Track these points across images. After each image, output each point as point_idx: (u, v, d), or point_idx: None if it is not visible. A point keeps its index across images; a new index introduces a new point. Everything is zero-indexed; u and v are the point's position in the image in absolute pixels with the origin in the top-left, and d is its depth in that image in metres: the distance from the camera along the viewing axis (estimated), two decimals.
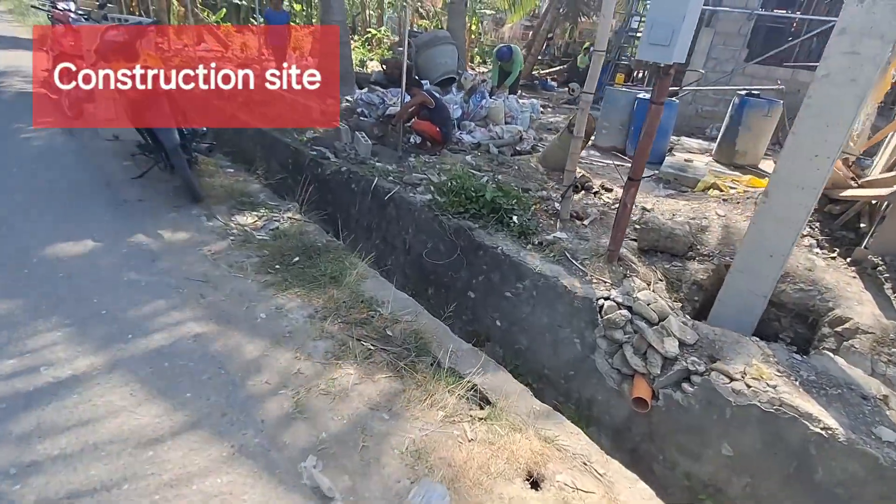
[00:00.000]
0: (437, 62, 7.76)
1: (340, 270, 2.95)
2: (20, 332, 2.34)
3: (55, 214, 3.56)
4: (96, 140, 5.05)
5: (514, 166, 5.16)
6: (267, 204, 3.89)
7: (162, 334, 2.41)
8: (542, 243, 3.60)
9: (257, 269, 3.04)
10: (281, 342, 2.45)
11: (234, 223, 3.46)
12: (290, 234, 3.36)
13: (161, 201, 3.98)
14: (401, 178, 4.67)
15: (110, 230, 3.41)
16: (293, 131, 6.20)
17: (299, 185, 5.66)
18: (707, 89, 8.73)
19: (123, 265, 2.99)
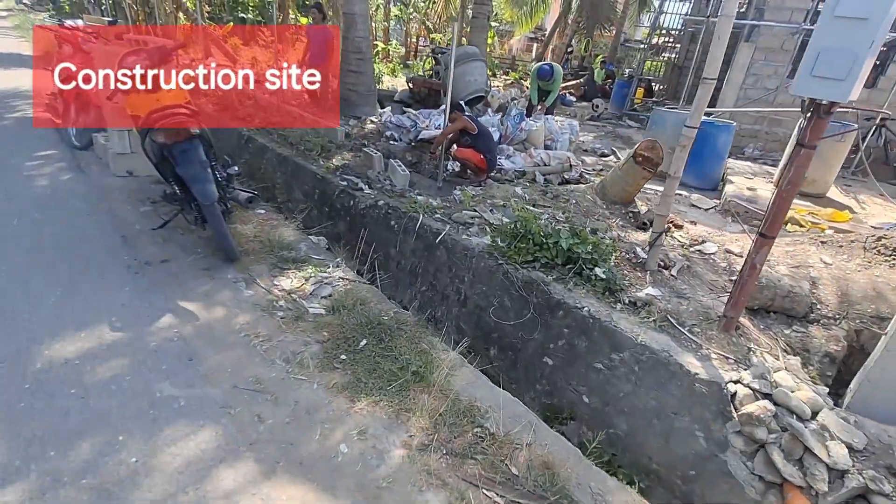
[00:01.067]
0: (466, 80, 7.25)
1: (424, 360, 2.33)
2: None
3: (63, 287, 2.90)
4: (107, 176, 4.43)
5: (571, 200, 4.60)
6: (311, 259, 3.25)
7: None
8: (636, 303, 3.04)
9: (320, 362, 2.39)
10: (380, 498, 1.79)
11: (279, 289, 2.85)
12: (348, 303, 2.73)
13: (189, 262, 3.29)
14: (449, 216, 4.12)
15: (131, 310, 2.73)
16: (318, 157, 5.66)
17: (327, 217, 5.13)
18: (751, 110, 8.21)
19: (153, 371, 2.28)
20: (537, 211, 4.20)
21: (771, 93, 8.33)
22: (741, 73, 8.58)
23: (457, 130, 4.61)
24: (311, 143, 5.90)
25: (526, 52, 30.70)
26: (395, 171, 4.86)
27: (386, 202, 4.49)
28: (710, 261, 3.78)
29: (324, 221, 5.20)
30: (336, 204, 4.97)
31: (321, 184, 5.22)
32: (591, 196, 4.78)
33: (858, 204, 5.98)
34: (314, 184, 5.32)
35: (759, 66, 8.44)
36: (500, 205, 4.28)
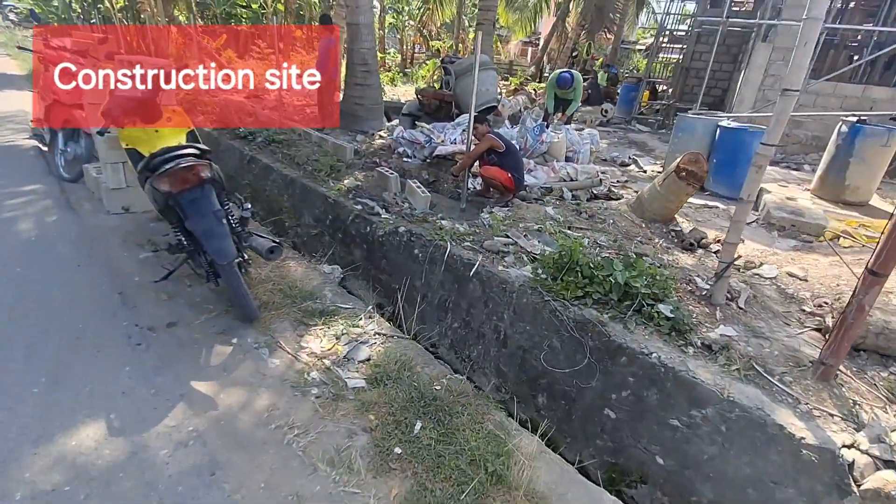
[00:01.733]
0: (479, 90, 6.88)
1: (496, 450, 1.93)
2: None
3: (48, 372, 2.34)
4: (100, 214, 3.90)
5: (607, 219, 4.24)
6: (339, 309, 2.81)
7: None
8: (711, 346, 2.66)
9: (371, 461, 1.90)
10: None
11: (308, 353, 2.44)
12: (391, 369, 2.28)
13: (200, 324, 2.74)
14: (480, 244, 3.74)
15: (134, 402, 2.19)
16: (328, 178, 5.28)
17: (341, 244, 4.75)
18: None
19: (167, 497, 1.75)
20: (576, 235, 3.83)
21: None
22: (759, 73, 8.27)
23: (484, 150, 4.24)
24: (320, 163, 5.52)
25: (521, 57, 30.49)
26: (415, 192, 4.49)
27: (407, 229, 4.11)
28: (773, 287, 3.41)
29: (337, 249, 4.82)
30: (350, 230, 4.59)
31: (333, 208, 4.84)
32: (628, 214, 4.42)
33: (890, 207, 5.64)
34: (325, 208, 4.94)
35: (779, 66, 8.13)
36: (534, 229, 3.91)
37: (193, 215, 2.27)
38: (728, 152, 5.57)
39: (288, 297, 2.73)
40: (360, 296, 4.14)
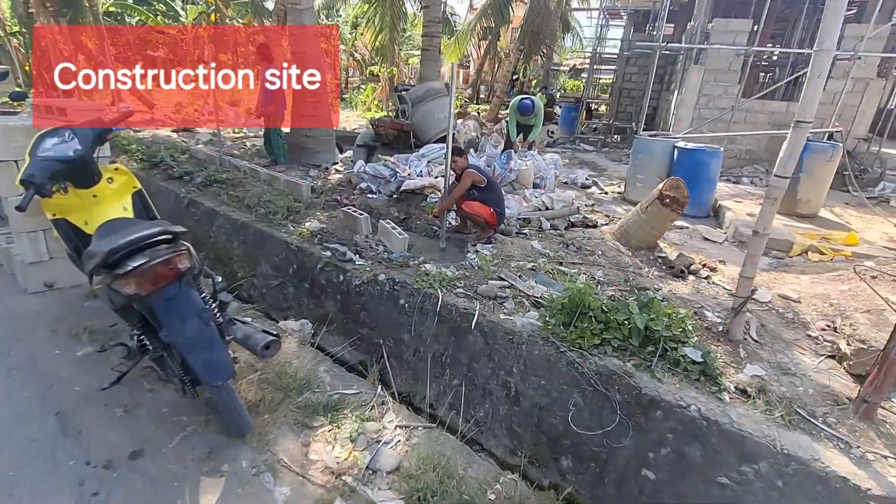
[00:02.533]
0: (436, 117, 6.69)
1: None
2: None
3: None
4: (16, 296, 2.89)
5: (595, 250, 4.10)
6: (343, 397, 2.25)
7: None
8: (746, 390, 2.51)
9: None
10: None
11: (320, 469, 1.91)
12: (430, 480, 1.84)
13: (175, 448, 2.04)
14: (474, 289, 3.43)
15: None
16: (286, 221, 4.77)
17: (309, 295, 4.25)
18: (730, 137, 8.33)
19: None
20: (572, 272, 3.63)
21: (724, 112, 8.55)
22: (694, 94, 8.77)
23: (468, 188, 3.96)
24: (274, 204, 4.99)
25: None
26: (390, 234, 4.11)
27: (388, 276, 3.71)
28: (772, 312, 3.39)
29: (305, 301, 4.31)
30: (320, 279, 4.11)
31: (297, 255, 4.33)
32: (613, 243, 4.31)
33: (836, 217, 6.06)
34: (287, 255, 4.42)
35: (711, 86, 8.67)
36: (528, 268, 3.66)
37: (171, 322, 1.65)
38: (688, 172, 5.69)
39: (278, 389, 2.19)
40: (357, 366, 3.67)
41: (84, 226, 1.97)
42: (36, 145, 1.82)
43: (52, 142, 1.83)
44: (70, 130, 1.89)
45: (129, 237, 1.51)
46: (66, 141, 1.83)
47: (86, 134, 1.92)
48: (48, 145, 1.81)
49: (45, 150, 1.79)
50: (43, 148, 1.80)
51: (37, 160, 1.75)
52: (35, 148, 1.81)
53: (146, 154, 6.73)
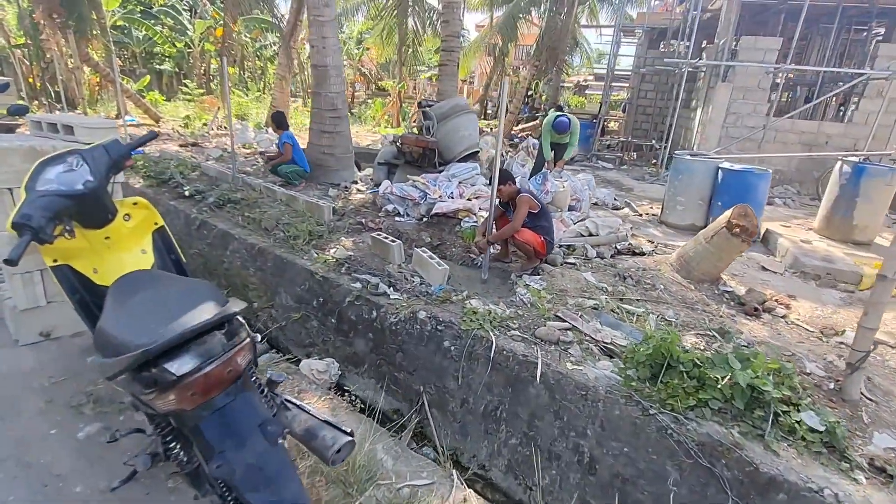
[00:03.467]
0: (460, 135, 6.34)
1: None
2: None
3: None
4: (4, 351, 2.36)
5: (655, 284, 3.70)
6: (414, 491, 1.68)
7: None
8: (882, 468, 2.08)
9: None
10: None
11: None
12: None
13: None
14: (531, 332, 3.02)
15: None
16: (308, 247, 4.37)
17: (336, 331, 3.82)
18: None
19: None
20: (639, 311, 3.23)
21: (753, 131, 8.26)
22: (722, 112, 8.48)
23: (525, 215, 3.58)
24: (294, 227, 4.59)
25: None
26: (427, 264, 3.71)
27: (429, 314, 3.30)
28: (874, 358, 2.97)
29: (331, 338, 3.88)
30: (349, 314, 3.70)
31: (322, 286, 3.92)
32: (671, 275, 3.92)
33: (888, 242, 5.69)
34: (311, 285, 4.00)
35: (739, 104, 8.38)
36: (587, 306, 3.25)
37: (223, 444, 1.12)
38: (734, 195, 5.33)
39: (334, 482, 1.73)
40: (392, 415, 3.24)
41: (93, 274, 1.56)
42: (35, 176, 1.41)
43: (56, 171, 1.43)
44: (79, 155, 1.49)
45: (174, 329, 1.04)
46: (73, 169, 1.43)
47: (99, 160, 1.52)
48: (51, 175, 1.41)
49: (48, 181, 1.38)
50: (44, 179, 1.40)
51: (35, 196, 1.33)
52: (34, 179, 1.40)
53: (154, 171, 6.35)
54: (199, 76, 21.02)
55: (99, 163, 1.52)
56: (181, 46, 19.96)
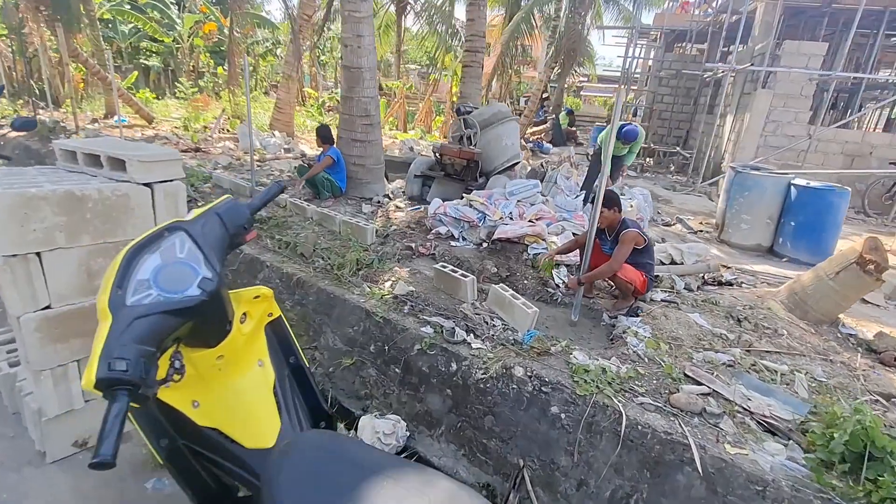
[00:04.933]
0: (503, 144, 5.80)
1: None
2: None
3: None
4: (25, 472, 1.65)
5: (772, 326, 3.20)
6: None
7: None
8: None
9: None
10: None
11: None
12: None
13: None
14: (664, 399, 2.49)
15: None
16: (356, 277, 3.77)
17: (400, 384, 3.24)
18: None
19: None
20: (780, 367, 2.72)
21: (794, 140, 7.88)
22: (760, 120, 8.09)
23: (628, 254, 3.05)
24: (336, 254, 3.99)
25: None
26: (512, 305, 3.15)
27: (529, 371, 2.75)
28: None
29: (392, 389, 3.30)
30: (419, 365, 3.12)
31: (382, 329, 3.33)
32: (785, 314, 3.42)
33: None
34: (367, 327, 3.42)
35: (779, 112, 8.00)
36: (719, 362, 2.73)
37: None
38: (811, 214, 4.91)
39: None
40: (480, 490, 2.67)
41: (192, 409, 0.98)
42: (122, 277, 0.82)
43: (152, 264, 0.83)
44: (183, 232, 0.90)
45: None
46: (178, 259, 0.85)
47: (212, 237, 0.94)
48: (146, 274, 0.81)
49: (143, 287, 0.79)
50: (137, 283, 0.80)
51: (126, 320, 0.76)
52: (121, 284, 0.81)
53: None
54: (188, 73, 20.10)
55: (213, 242, 0.94)
56: (169, 42, 19.01)
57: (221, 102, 14.21)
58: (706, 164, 8.89)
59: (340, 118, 5.51)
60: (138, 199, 1.75)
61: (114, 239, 1.73)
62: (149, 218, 1.77)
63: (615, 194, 3.22)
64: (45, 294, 1.49)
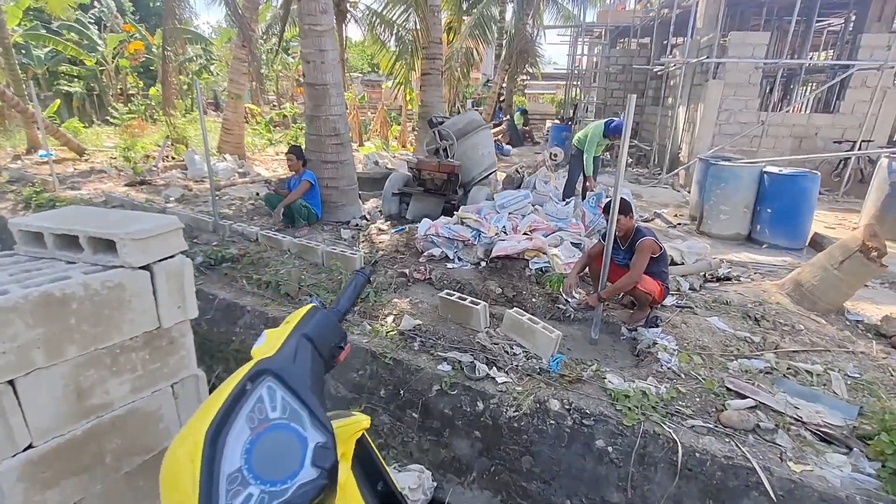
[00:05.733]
0: (479, 154, 5.62)
1: None
2: None
3: None
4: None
5: (787, 322, 3.18)
6: None
7: None
8: None
9: None
10: None
11: None
12: None
13: None
14: (713, 418, 2.36)
15: None
16: (360, 318, 3.46)
17: (419, 429, 2.96)
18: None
19: None
20: (813, 367, 2.67)
21: (747, 127, 8.20)
22: (714, 110, 8.36)
23: (647, 263, 2.92)
24: (327, 291, 3.65)
25: (404, 101, 30.32)
26: (532, 331, 2.95)
27: (564, 402, 2.56)
28: None
29: (412, 436, 3.01)
30: (440, 407, 2.86)
31: (392, 371, 3.04)
32: (794, 307, 3.42)
33: None
34: (376, 370, 3.11)
35: (730, 101, 8.30)
36: (755, 369, 2.65)
37: None
38: (786, 200, 5.04)
39: None
40: None
41: None
42: (209, 486, 0.53)
43: (239, 442, 0.54)
44: (272, 378, 0.62)
45: None
46: (273, 420, 0.57)
47: (305, 370, 0.65)
48: (236, 460, 0.53)
49: (237, 485, 0.52)
50: (230, 483, 0.53)
51: None
52: (210, 495, 0.53)
53: None
54: (116, 96, 18.70)
55: (313, 382, 0.68)
56: (92, 64, 17.60)
57: (158, 126, 13.26)
58: (668, 156, 9.12)
59: (307, 139, 5.13)
60: (135, 287, 1.38)
61: (107, 343, 1.35)
62: (149, 310, 1.43)
63: (627, 202, 3.10)
64: (25, 432, 1.09)
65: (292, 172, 4.97)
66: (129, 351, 1.34)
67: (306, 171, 4.79)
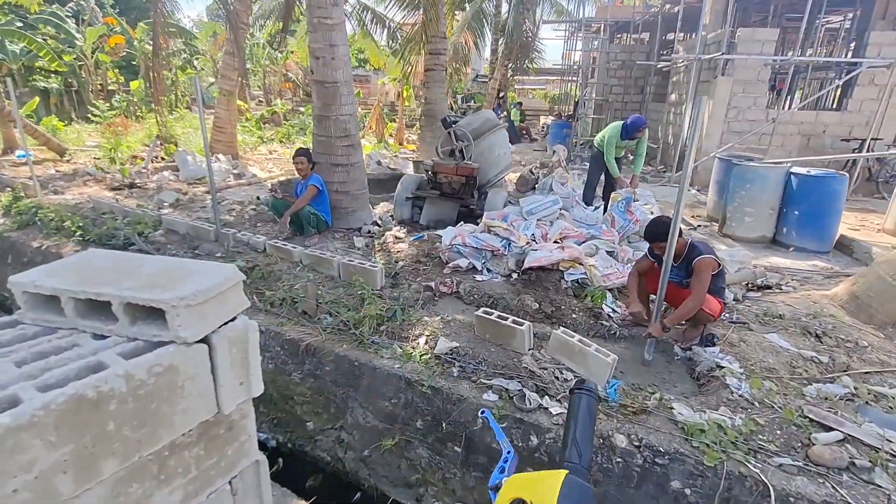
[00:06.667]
0: (496, 154, 5.36)
1: None
2: None
3: None
4: None
5: (857, 342, 2.98)
6: None
7: None
8: None
9: None
10: None
11: None
12: None
13: None
14: (801, 454, 2.14)
15: None
16: (383, 337, 3.17)
17: (463, 465, 2.69)
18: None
19: None
20: (887, 391, 2.47)
21: (755, 124, 8.07)
22: (723, 107, 8.21)
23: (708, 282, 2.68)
24: (348, 309, 3.36)
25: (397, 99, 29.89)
26: (583, 353, 2.70)
27: (630, 436, 2.31)
28: None
29: (454, 472, 2.74)
30: (486, 441, 2.60)
31: (430, 401, 2.77)
32: (850, 320, 3.23)
33: None
34: (411, 399, 2.83)
35: (739, 98, 8.16)
36: (835, 395, 2.44)
37: None
38: (814, 203, 4.88)
39: None
40: None
41: None
42: None
43: None
44: None
45: None
46: None
47: None
48: None
49: None
50: None
51: None
52: None
53: (97, 234, 4.68)
54: (96, 92, 17.94)
55: None
56: (70, 59, 16.83)
57: (143, 124, 12.69)
58: (676, 155, 8.96)
59: (315, 140, 4.80)
60: (190, 368, 1.03)
61: (155, 448, 1.00)
62: (206, 393, 1.08)
63: (665, 219, 2.85)
64: None
65: (301, 177, 4.63)
66: (180, 450, 0.99)
67: (313, 175, 4.46)
